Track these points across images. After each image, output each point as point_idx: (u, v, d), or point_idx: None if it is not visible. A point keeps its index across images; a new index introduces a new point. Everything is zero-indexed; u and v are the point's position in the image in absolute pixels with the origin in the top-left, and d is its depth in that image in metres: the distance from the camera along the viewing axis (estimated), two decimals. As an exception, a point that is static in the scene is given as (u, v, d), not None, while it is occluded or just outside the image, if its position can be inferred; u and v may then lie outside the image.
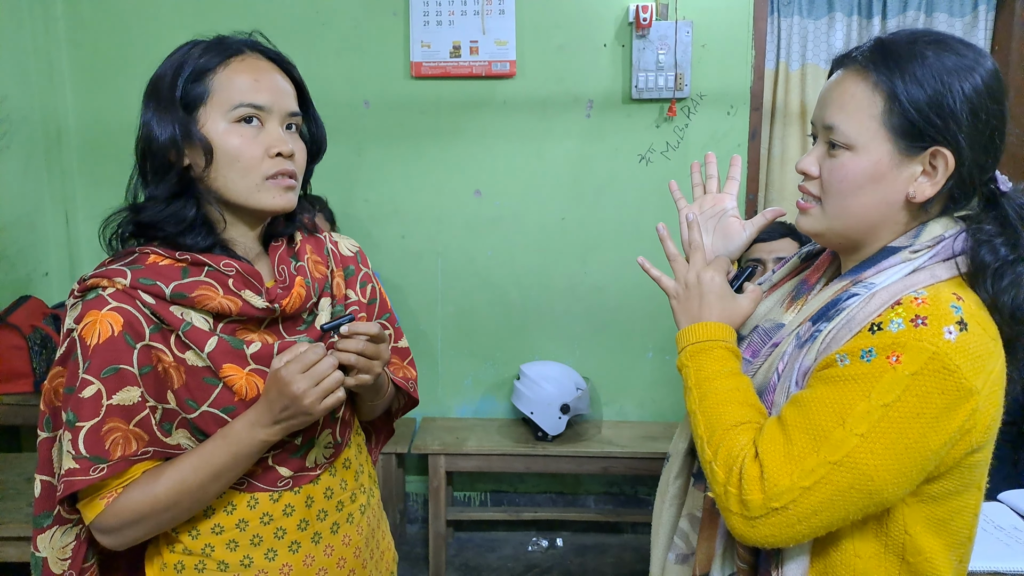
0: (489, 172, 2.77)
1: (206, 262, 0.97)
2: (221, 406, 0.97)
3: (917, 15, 2.69)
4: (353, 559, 1.11)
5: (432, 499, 2.68)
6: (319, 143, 1.11)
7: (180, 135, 0.95)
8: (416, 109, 2.72)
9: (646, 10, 2.53)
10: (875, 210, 0.90)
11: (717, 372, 0.93)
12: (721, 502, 0.86)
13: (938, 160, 0.86)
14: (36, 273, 2.66)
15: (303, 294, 1.03)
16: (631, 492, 3.00)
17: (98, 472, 0.91)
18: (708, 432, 0.90)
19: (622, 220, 2.76)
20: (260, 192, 0.98)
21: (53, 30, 2.69)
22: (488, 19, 2.63)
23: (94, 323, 0.92)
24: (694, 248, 1.05)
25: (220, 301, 0.96)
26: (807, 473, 0.80)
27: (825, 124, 0.91)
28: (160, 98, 0.96)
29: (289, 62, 1.04)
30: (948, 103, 0.84)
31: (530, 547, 2.89)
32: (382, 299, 1.22)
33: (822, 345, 0.88)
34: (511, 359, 2.87)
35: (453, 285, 2.86)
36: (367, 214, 2.82)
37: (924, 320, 0.81)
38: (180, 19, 2.68)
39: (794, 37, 2.74)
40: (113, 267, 0.96)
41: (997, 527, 1.55)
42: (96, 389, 0.91)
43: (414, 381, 1.26)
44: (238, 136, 0.96)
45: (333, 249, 1.16)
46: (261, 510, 1.02)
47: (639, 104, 2.68)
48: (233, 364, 0.97)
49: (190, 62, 0.97)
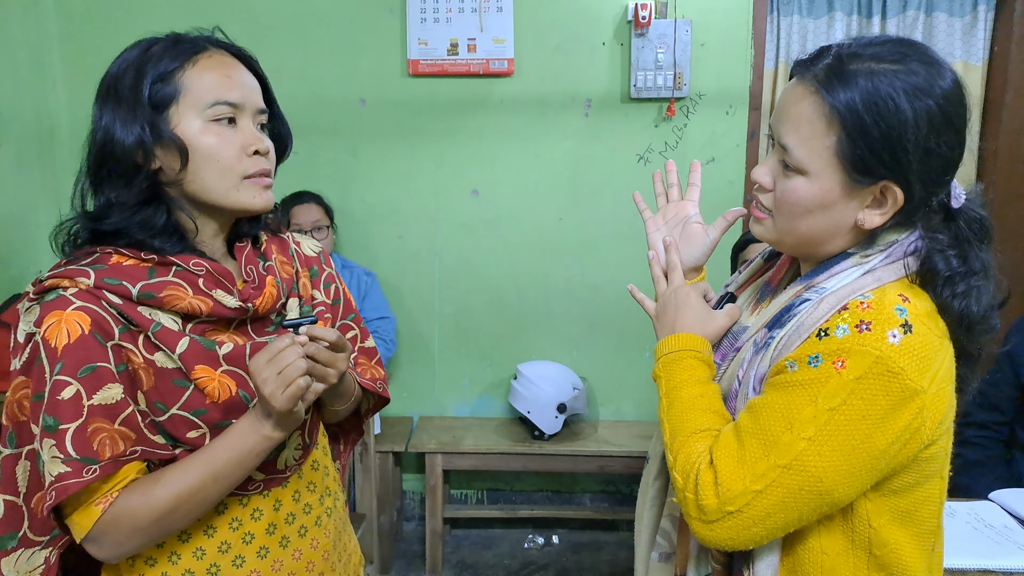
0: (487, 172, 2.76)
1: (174, 262, 0.94)
2: (191, 409, 0.94)
3: (917, 15, 2.67)
4: (322, 562, 1.10)
5: (429, 497, 2.69)
6: (285, 142, 1.07)
7: (150, 137, 0.90)
8: (413, 107, 2.70)
9: (645, 8, 2.51)
10: (823, 232, 0.91)
11: (685, 381, 0.95)
12: (683, 507, 0.89)
13: (887, 194, 0.87)
14: (29, 271, 2.64)
15: (274, 294, 1.01)
16: (627, 491, 3.01)
17: (91, 473, 0.86)
18: (671, 439, 0.92)
19: (620, 220, 2.76)
20: (239, 192, 0.96)
21: (45, 27, 2.65)
22: (486, 17, 2.61)
23: (59, 323, 0.87)
24: (671, 268, 1.08)
25: (190, 301, 0.93)
26: (758, 477, 0.83)
27: (780, 142, 0.91)
28: (121, 99, 0.92)
29: (252, 57, 1.01)
30: (902, 142, 0.83)
31: (526, 544, 2.91)
32: (346, 299, 1.21)
33: (775, 352, 0.89)
34: (508, 359, 2.88)
35: (451, 285, 2.85)
36: (364, 214, 2.81)
37: (868, 325, 0.82)
38: (172, 17, 2.65)
39: (794, 36, 2.72)
40: (73, 267, 0.91)
41: (988, 525, 1.56)
42: (75, 390, 0.87)
43: (383, 381, 1.24)
44: (214, 135, 0.93)
45: (297, 250, 1.14)
46: (229, 515, 1.00)
47: (637, 103, 2.67)
48: (205, 365, 0.94)
49: (152, 61, 0.92)
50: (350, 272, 2.72)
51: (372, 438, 2.50)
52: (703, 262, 1.10)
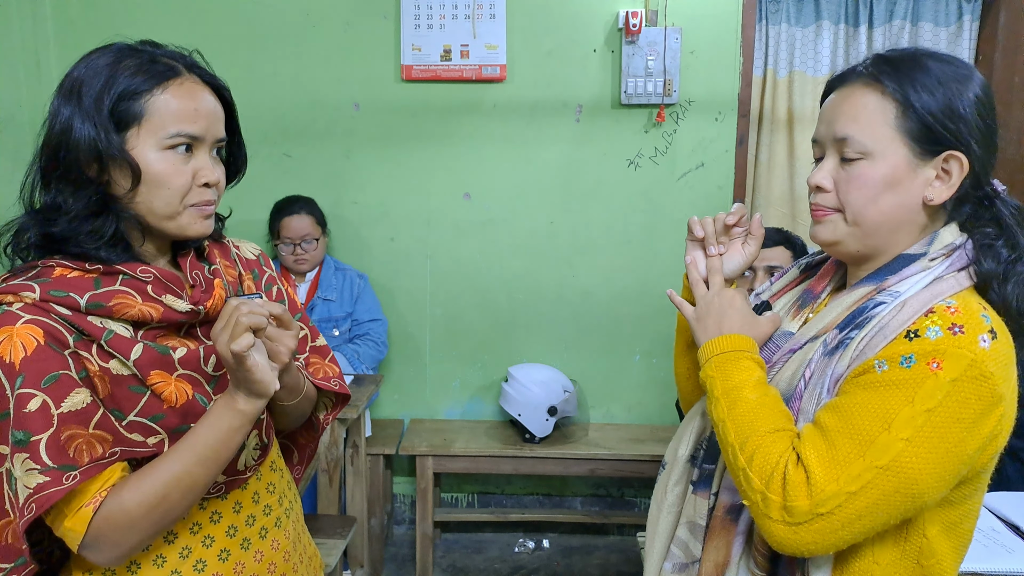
0: (479, 175, 2.78)
1: (121, 270, 0.94)
2: (149, 415, 0.94)
3: (903, 24, 2.72)
4: (283, 563, 1.10)
5: (420, 500, 2.69)
6: (237, 166, 1.08)
7: (106, 152, 0.90)
8: (406, 112, 2.73)
9: (636, 16, 2.55)
10: (894, 215, 0.92)
11: (744, 381, 0.93)
12: (758, 509, 0.86)
13: (951, 164, 0.89)
14: (23, 273, 2.66)
15: (223, 295, 1.02)
16: (617, 494, 3.02)
17: (71, 480, 0.86)
18: (740, 439, 0.89)
19: (610, 224, 2.78)
20: (181, 218, 0.96)
21: (41, 30, 2.68)
22: (479, 23, 2.64)
23: (10, 338, 0.86)
24: (712, 271, 1.05)
25: (140, 308, 0.93)
26: (853, 478, 0.81)
27: (837, 137, 0.92)
28: (83, 104, 0.90)
29: (224, 85, 1.01)
30: (959, 108, 0.88)
31: (517, 548, 2.91)
32: (290, 300, 1.21)
33: (855, 352, 0.89)
34: (499, 361, 2.89)
35: (442, 287, 2.87)
36: (356, 216, 2.83)
37: (961, 328, 0.83)
38: (168, 20, 2.68)
39: (782, 44, 2.77)
40: (15, 282, 0.90)
41: (977, 529, 1.57)
42: (41, 400, 0.85)
43: (338, 377, 1.23)
44: (168, 163, 0.93)
45: (237, 253, 1.16)
46: (190, 520, 1.00)
47: (628, 109, 2.70)
48: (160, 371, 0.94)
49: (122, 78, 0.91)
50: (343, 274, 2.73)
51: (363, 440, 2.50)
52: (737, 276, 1.08)
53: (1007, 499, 1.66)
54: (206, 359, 0.99)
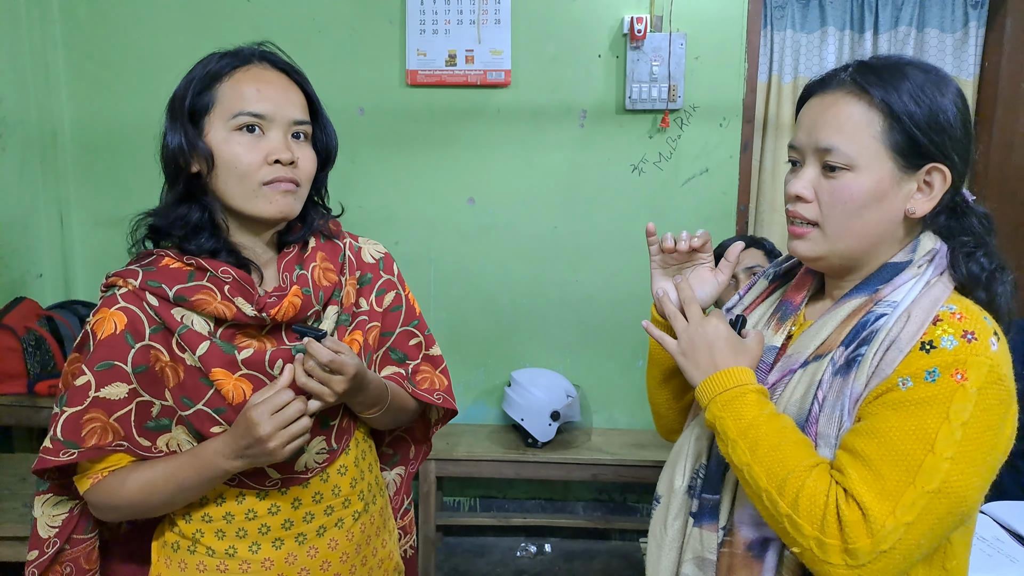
0: (483, 180, 2.79)
1: (208, 267, 1.01)
2: (214, 407, 1.01)
3: (909, 30, 2.71)
4: (339, 563, 1.12)
5: (422, 504, 2.70)
6: (327, 151, 1.13)
7: (185, 143, 1.00)
8: (411, 117, 2.74)
9: (640, 22, 2.55)
10: (876, 228, 0.90)
11: (757, 418, 0.88)
12: (813, 555, 0.81)
13: (934, 176, 0.89)
14: (30, 275, 2.67)
15: (297, 303, 1.03)
16: (620, 499, 3.02)
17: (67, 455, 0.98)
18: (776, 483, 0.84)
19: (614, 230, 2.78)
20: (257, 198, 1.00)
21: (49, 32, 2.69)
22: (484, 29, 2.65)
23: (103, 319, 0.99)
24: (688, 302, 1.00)
25: (216, 306, 0.99)
26: (908, 508, 0.78)
27: (820, 146, 0.90)
28: (174, 108, 1.02)
29: (298, 71, 1.08)
30: (942, 120, 0.87)
31: (519, 552, 2.91)
32: (408, 306, 1.22)
33: (870, 369, 0.86)
34: (502, 366, 2.89)
35: (445, 292, 2.87)
36: (360, 220, 2.83)
37: (973, 334, 0.82)
38: (176, 23, 2.69)
39: (787, 50, 2.76)
40: (130, 267, 1.03)
41: (980, 538, 1.57)
42: (87, 380, 0.98)
43: (443, 391, 1.23)
44: (237, 144, 0.99)
45: (351, 256, 1.16)
46: (247, 506, 1.06)
47: (632, 115, 2.70)
48: (223, 369, 1.00)
49: (199, 74, 1.02)
50: (347, 278, 2.74)
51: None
52: (710, 304, 1.05)
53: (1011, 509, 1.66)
54: (271, 362, 1.02)
